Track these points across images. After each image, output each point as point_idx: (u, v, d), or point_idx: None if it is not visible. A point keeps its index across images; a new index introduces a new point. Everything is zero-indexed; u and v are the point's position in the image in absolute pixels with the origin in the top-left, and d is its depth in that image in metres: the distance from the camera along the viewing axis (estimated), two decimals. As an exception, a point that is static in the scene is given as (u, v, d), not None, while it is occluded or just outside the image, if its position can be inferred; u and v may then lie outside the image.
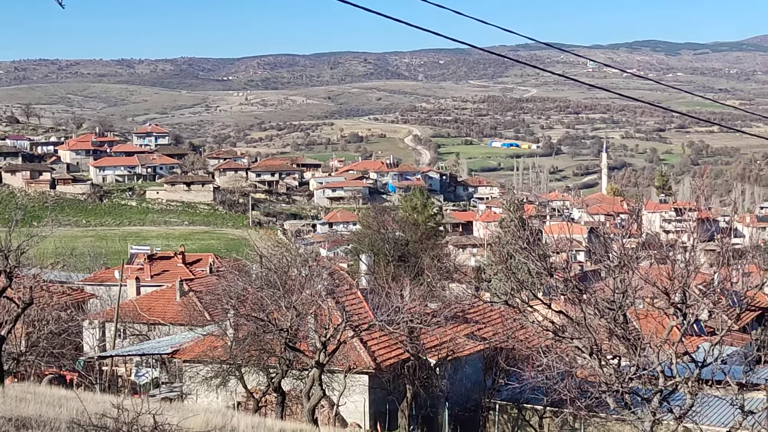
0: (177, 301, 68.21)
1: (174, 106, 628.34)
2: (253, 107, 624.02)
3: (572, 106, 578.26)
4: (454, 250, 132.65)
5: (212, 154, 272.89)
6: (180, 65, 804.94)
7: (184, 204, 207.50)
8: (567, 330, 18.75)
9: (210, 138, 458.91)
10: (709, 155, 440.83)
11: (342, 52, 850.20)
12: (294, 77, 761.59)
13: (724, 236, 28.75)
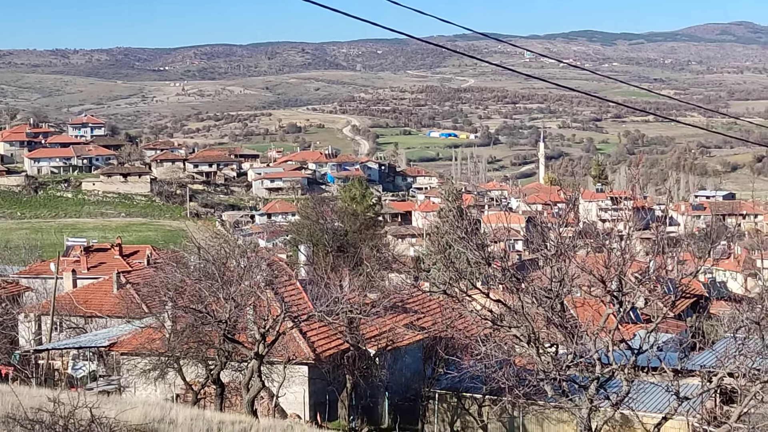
0: (114, 293, 67.57)
1: (110, 97, 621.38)
2: (190, 98, 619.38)
3: (510, 96, 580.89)
4: (393, 240, 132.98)
5: (149, 145, 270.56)
6: (116, 55, 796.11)
7: (120, 195, 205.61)
8: (505, 319, 18.88)
9: (147, 129, 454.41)
10: (644, 144, 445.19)
11: (280, 42, 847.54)
12: (231, 67, 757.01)
13: (659, 225, 29.09)
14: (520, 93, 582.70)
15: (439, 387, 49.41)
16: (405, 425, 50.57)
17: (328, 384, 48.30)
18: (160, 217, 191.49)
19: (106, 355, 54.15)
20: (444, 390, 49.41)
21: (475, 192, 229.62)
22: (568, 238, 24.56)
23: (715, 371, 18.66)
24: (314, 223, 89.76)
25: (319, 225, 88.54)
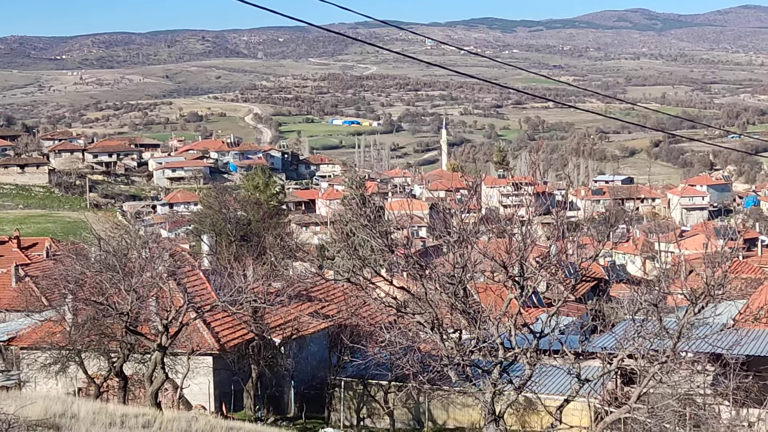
0: (12, 286, 66.69)
1: (5, 86, 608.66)
2: (89, 87, 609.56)
3: (412, 84, 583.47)
4: (296, 229, 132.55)
5: (47, 135, 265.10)
6: (10, 44, 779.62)
7: (18, 187, 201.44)
8: (409, 306, 18.97)
9: (44, 119, 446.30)
10: (544, 130, 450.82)
11: (179, 30, 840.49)
12: (130, 56, 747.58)
13: (559, 210, 29.49)
14: (422, 80, 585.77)
15: (344, 375, 49.55)
16: (311, 413, 50.64)
17: (233, 374, 48.21)
18: (60, 209, 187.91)
19: (4, 349, 53.21)
20: (350, 377, 49.55)
21: (378, 179, 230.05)
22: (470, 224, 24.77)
23: (615, 353, 19.01)
24: (217, 213, 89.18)
25: (221, 214, 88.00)
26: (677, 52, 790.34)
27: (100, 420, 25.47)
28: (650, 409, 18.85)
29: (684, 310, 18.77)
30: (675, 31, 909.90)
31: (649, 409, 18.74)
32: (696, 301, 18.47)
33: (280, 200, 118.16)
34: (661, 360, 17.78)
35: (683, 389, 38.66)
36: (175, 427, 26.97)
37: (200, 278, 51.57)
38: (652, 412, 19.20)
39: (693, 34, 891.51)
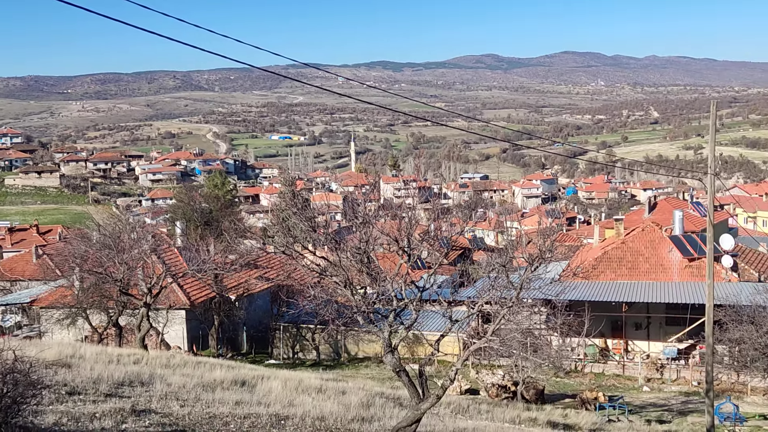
0: (34, 262, 65.50)
1: (25, 113, 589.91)
2: (89, 113, 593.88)
3: (328, 109, 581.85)
4: (246, 216, 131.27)
5: (57, 149, 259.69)
6: (28, 81, 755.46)
7: (36, 188, 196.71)
8: (328, 270, 18.92)
9: (55, 137, 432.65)
10: (425, 142, 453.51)
11: (157, 71, 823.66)
12: (120, 90, 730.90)
13: (436, 198, 29.86)
14: (336, 106, 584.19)
15: (283, 321, 49.48)
16: (259, 350, 50.51)
17: (201, 323, 47.85)
18: (68, 204, 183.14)
19: (28, 309, 51.98)
20: (286, 323, 49.51)
21: (305, 179, 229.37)
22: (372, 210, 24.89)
23: (476, 301, 19.19)
24: (186, 205, 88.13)
25: (190, 206, 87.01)
26: (518, 85, 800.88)
27: (102, 359, 24.98)
28: (501, 340, 19.10)
29: (524, 269, 19.06)
30: (516, 70, 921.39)
31: (500, 340, 18.99)
32: (533, 263, 18.75)
33: (233, 195, 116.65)
34: (508, 305, 18.03)
35: (525, 325, 39.40)
36: (158, 362, 26.58)
37: (175, 253, 50.92)
38: (503, 342, 19.45)
39: (529, 72, 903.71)
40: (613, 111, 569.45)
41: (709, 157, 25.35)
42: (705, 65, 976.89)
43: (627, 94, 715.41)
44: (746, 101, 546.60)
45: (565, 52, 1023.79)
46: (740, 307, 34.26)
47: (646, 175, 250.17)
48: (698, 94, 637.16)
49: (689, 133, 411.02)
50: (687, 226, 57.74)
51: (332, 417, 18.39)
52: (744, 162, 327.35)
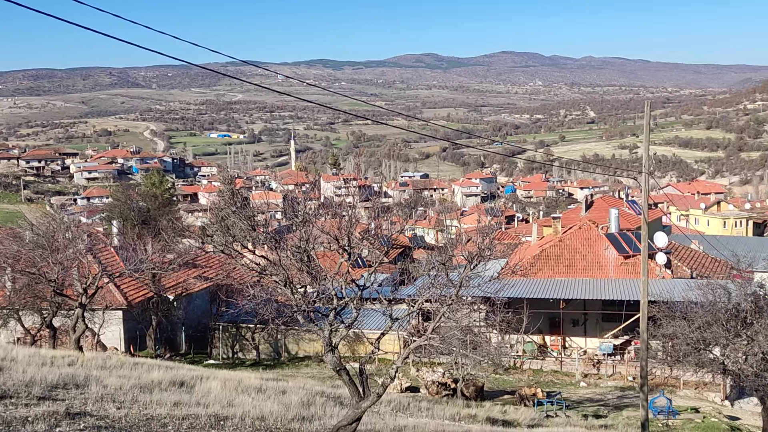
0: (-37, 263, 63.24)
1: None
2: (21, 110, 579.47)
3: (268, 107, 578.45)
4: (184, 214, 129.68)
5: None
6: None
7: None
8: (268, 269, 18.80)
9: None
10: (365, 141, 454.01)
11: (92, 67, 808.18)
12: (53, 86, 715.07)
13: (376, 197, 29.99)
14: (276, 104, 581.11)
15: (222, 321, 49.03)
16: (198, 350, 49.98)
17: (138, 323, 47.17)
18: (0, 203, 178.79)
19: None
20: (226, 323, 49.08)
21: (244, 177, 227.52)
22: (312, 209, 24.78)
23: (417, 299, 19.27)
24: (123, 204, 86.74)
25: (127, 205, 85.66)
26: (458, 84, 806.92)
27: (35, 361, 24.38)
28: (442, 338, 19.22)
29: (464, 267, 19.19)
30: (456, 70, 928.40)
31: (440, 338, 19.10)
32: (472, 260, 18.88)
33: (171, 194, 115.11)
34: (448, 303, 18.14)
35: (464, 323, 39.72)
36: (94, 364, 26.05)
37: (111, 252, 50.08)
38: (443, 340, 19.58)
39: (468, 72, 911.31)
40: (550, 110, 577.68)
41: (644, 156, 25.88)
42: (639, 66, 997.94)
43: (564, 94, 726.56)
44: (679, 102, 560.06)
45: (503, 52, 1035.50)
46: (673, 303, 35.04)
47: (583, 174, 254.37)
48: (633, 94, 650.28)
49: (624, 132, 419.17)
50: (622, 224, 58.89)
51: (272, 417, 18.28)
52: (677, 161, 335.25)
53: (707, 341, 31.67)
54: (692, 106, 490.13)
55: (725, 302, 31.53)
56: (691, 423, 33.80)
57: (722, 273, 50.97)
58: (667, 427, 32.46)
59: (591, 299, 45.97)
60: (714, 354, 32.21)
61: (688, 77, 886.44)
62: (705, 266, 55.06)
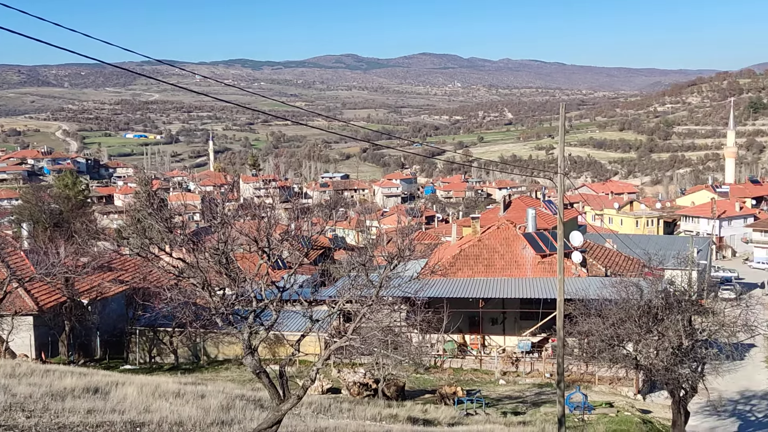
0: None
1: None
2: None
3: (186, 107, 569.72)
4: (99, 217, 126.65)
5: None
6: None
7: None
8: (185, 272, 18.52)
9: None
10: (285, 141, 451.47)
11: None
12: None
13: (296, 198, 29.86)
14: (193, 104, 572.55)
15: (139, 325, 48.10)
16: (114, 356, 48.91)
17: (51, 329, 45.87)
18: None
19: None
20: (143, 327, 48.17)
21: (162, 178, 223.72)
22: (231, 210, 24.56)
23: (337, 300, 19.24)
24: (34, 206, 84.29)
25: (38, 207, 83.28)
26: (378, 85, 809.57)
27: (-60, 371, 23.46)
28: (362, 339, 19.23)
29: (384, 267, 19.24)
30: (376, 71, 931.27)
31: (361, 339, 19.12)
32: (392, 261, 18.95)
33: (85, 195, 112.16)
34: (368, 303, 18.16)
35: (385, 323, 39.84)
36: (2, 372, 25.21)
37: (21, 256, 48.52)
38: (364, 341, 19.60)
39: (388, 73, 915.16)
40: (469, 112, 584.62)
41: (559, 157, 26.41)
42: (555, 69, 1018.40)
43: (483, 95, 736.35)
44: (593, 104, 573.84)
45: (423, 54, 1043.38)
46: (588, 300, 35.86)
47: (501, 175, 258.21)
48: (549, 96, 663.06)
49: (541, 133, 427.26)
50: (539, 223, 59.98)
51: (191, 422, 18.01)
52: (592, 162, 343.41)
53: (621, 337, 32.53)
54: (606, 109, 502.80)
55: (638, 299, 32.45)
56: (606, 417, 34.66)
57: (635, 271, 52.42)
58: (583, 422, 33.19)
59: (509, 298, 46.67)
60: (627, 350, 33.10)
61: (601, 80, 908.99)
62: (619, 264, 56.56)
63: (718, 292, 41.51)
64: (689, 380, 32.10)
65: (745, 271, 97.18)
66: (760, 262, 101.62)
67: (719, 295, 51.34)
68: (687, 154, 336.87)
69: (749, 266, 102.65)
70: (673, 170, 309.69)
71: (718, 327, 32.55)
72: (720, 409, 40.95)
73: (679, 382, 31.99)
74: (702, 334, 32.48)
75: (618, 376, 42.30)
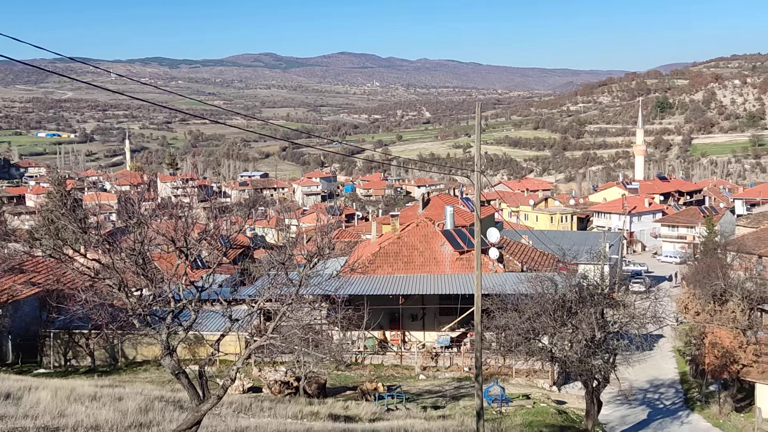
0: None
1: None
2: None
3: (101, 106, 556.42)
4: (10, 217, 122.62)
5: None
6: None
7: None
8: (101, 273, 18.12)
9: None
10: (204, 140, 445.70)
11: None
12: None
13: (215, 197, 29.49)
14: (109, 103, 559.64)
15: (53, 327, 46.79)
16: (27, 359, 47.45)
17: (-41, 334, 44.17)
18: None
19: None
20: (57, 329, 46.88)
21: (76, 178, 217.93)
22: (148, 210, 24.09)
23: (257, 298, 19.11)
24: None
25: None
26: (297, 84, 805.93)
27: None
28: (283, 337, 19.15)
29: (304, 266, 19.19)
30: (295, 69, 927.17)
31: (282, 337, 19.03)
32: (312, 259, 18.91)
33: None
34: (288, 302, 18.09)
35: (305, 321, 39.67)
36: None
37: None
38: (284, 339, 19.51)
39: (307, 72, 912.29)
40: (388, 111, 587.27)
41: (476, 155, 26.76)
42: (471, 69, 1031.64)
43: (401, 95, 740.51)
44: (508, 103, 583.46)
45: (341, 53, 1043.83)
46: (505, 295, 36.45)
47: (420, 173, 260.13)
48: (466, 95, 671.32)
49: (458, 132, 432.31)
50: (457, 220, 60.68)
51: (107, 425, 17.63)
52: (507, 160, 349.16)
53: (537, 331, 33.20)
54: (520, 108, 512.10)
55: (552, 294, 33.16)
56: (523, 409, 35.30)
57: (550, 266, 53.54)
58: (501, 414, 33.74)
59: (429, 294, 47.07)
60: (543, 343, 33.79)
61: (516, 80, 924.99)
62: (534, 260, 57.68)
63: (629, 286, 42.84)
64: (602, 371, 32.98)
65: (654, 264, 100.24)
66: (668, 255, 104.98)
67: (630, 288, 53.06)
68: (599, 152, 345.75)
69: (658, 260, 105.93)
70: (586, 167, 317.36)
71: (629, 319, 33.55)
72: (631, 398, 42.18)
73: (592, 373, 32.84)
74: (614, 326, 33.42)
75: (534, 369, 43.15)
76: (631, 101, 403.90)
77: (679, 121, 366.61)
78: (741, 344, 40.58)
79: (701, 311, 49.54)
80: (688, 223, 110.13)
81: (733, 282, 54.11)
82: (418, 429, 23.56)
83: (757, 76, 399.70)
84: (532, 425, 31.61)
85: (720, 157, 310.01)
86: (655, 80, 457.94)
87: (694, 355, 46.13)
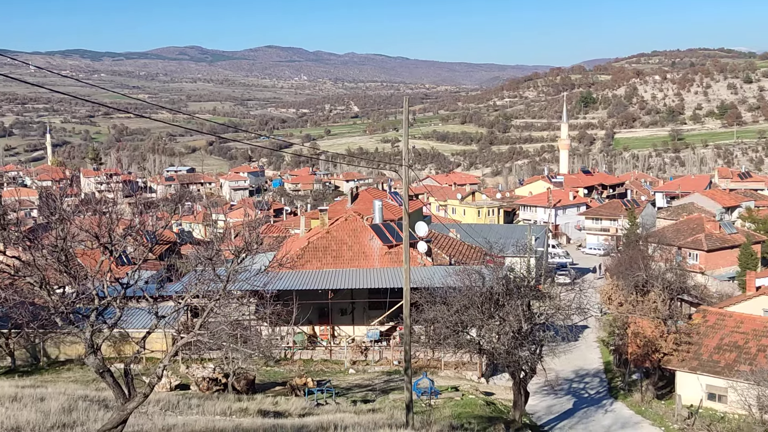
0: None
1: None
2: None
3: (20, 99, 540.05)
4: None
5: None
6: None
7: None
8: (21, 270, 17.64)
9: None
10: (128, 134, 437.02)
11: None
12: None
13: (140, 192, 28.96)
14: (28, 96, 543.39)
15: (-29, 328, 45.28)
16: (-57, 361, 45.82)
17: None
18: None
19: None
20: (-25, 330, 45.38)
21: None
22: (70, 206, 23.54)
23: (184, 295, 18.87)
24: None
25: None
26: (223, 78, 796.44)
27: None
28: (210, 333, 18.94)
29: (231, 261, 19.02)
30: (221, 63, 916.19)
31: (209, 334, 18.83)
32: (239, 255, 18.76)
33: None
34: (216, 298, 17.91)
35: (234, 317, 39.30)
36: None
37: None
38: (212, 335, 19.29)
39: (234, 65, 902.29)
40: (316, 105, 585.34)
41: (404, 149, 26.88)
42: (399, 63, 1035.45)
43: (329, 89, 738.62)
44: (436, 98, 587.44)
45: (268, 47, 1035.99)
46: (434, 289, 36.76)
47: (348, 167, 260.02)
48: (394, 90, 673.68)
49: (387, 126, 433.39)
50: (386, 214, 60.88)
51: (29, 426, 17.18)
52: (435, 154, 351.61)
53: (465, 323, 33.57)
54: (448, 102, 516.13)
55: (480, 286, 33.56)
56: (452, 401, 35.67)
57: (477, 259, 54.17)
58: (430, 406, 34.02)
59: (358, 288, 47.13)
60: (471, 335, 34.20)
61: (443, 75, 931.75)
62: (462, 253, 58.27)
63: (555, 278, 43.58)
64: (528, 362, 33.54)
65: (578, 256, 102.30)
66: (592, 248, 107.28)
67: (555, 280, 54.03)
68: (524, 146, 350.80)
69: (582, 252, 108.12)
70: (512, 162, 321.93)
71: (555, 310, 34.19)
72: (557, 388, 43.03)
73: (519, 365, 33.37)
74: (540, 318, 34.00)
75: (463, 361, 43.64)
76: (555, 96, 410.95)
77: (602, 116, 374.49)
78: (662, 333, 41.74)
79: (624, 302, 50.79)
80: (611, 216, 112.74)
81: (654, 273, 55.62)
82: (348, 423, 23.60)
83: (677, 72, 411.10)
84: (460, 417, 31.97)
85: (641, 151, 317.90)
86: (579, 75, 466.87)
87: (617, 345, 47.28)
